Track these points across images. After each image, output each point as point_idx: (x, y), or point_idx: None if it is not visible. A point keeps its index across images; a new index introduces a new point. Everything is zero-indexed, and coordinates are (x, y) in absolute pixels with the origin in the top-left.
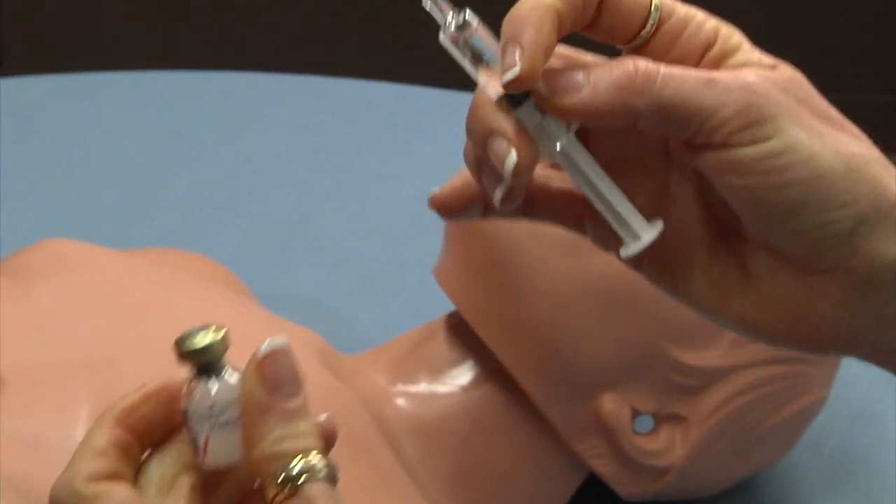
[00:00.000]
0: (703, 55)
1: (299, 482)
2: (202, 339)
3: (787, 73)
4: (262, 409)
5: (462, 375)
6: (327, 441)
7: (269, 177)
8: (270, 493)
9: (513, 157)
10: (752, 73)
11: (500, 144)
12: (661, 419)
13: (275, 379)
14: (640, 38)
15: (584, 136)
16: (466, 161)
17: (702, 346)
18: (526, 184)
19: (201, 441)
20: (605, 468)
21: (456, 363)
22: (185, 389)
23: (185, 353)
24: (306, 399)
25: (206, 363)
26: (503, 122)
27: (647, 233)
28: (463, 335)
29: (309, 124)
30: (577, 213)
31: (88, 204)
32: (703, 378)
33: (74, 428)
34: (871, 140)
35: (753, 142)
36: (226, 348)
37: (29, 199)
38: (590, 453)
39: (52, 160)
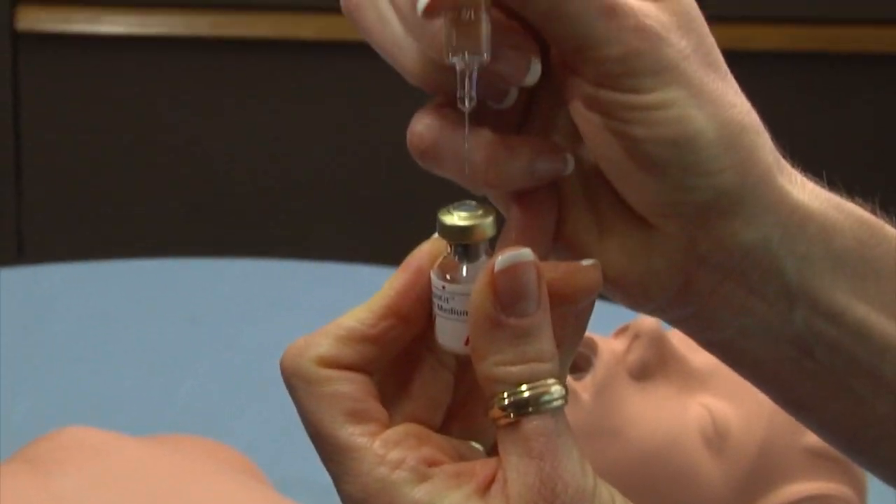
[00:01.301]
0: None
1: (521, 412)
2: (459, 220)
3: (685, 6)
4: (491, 325)
5: None
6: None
7: None
8: (492, 413)
9: None
10: (653, 11)
11: None
12: None
13: (509, 295)
14: None
15: None
16: None
17: None
18: None
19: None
20: None
21: None
22: (439, 259)
23: (439, 227)
24: (545, 318)
25: (457, 244)
26: None
27: None
28: None
29: (328, 310)
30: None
31: (108, 390)
32: None
33: None
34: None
35: (628, 90)
36: (484, 237)
37: (49, 387)
38: None
39: (71, 347)
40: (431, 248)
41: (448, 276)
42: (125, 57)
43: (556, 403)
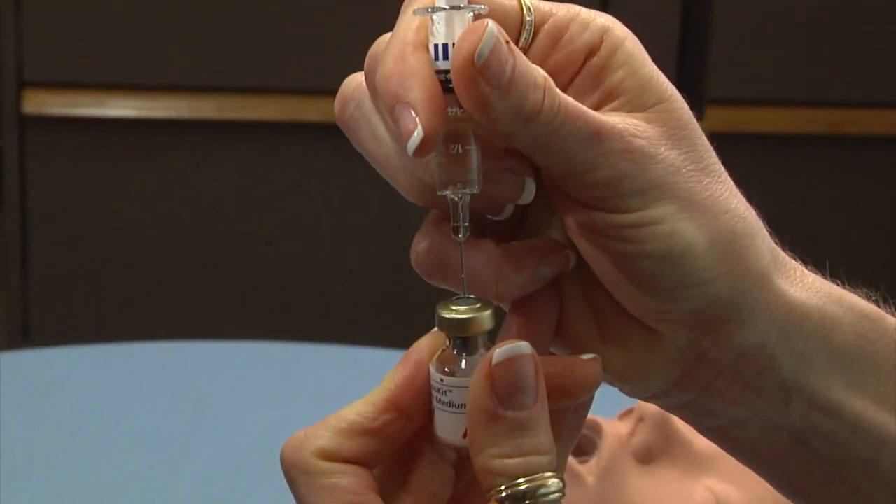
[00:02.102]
0: (584, 62)
1: None
2: (457, 313)
3: (675, 113)
4: (489, 417)
5: None
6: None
7: None
8: None
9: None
10: (641, 126)
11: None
12: None
13: (506, 387)
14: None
15: None
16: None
17: None
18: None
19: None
20: None
21: None
22: (438, 352)
23: (438, 320)
24: (542, 411)
25: (455, 337)
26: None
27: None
28: None
29: (335, 393)
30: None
31: (112, 474)
32: None
33: None
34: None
35: (616, 210)
36: (483, 330)
37: (53, 470)
38: None
39: (76, 431)
40: (431, 342)
41: (447, 370)
42: (131, 140)
43: (553, 496)
